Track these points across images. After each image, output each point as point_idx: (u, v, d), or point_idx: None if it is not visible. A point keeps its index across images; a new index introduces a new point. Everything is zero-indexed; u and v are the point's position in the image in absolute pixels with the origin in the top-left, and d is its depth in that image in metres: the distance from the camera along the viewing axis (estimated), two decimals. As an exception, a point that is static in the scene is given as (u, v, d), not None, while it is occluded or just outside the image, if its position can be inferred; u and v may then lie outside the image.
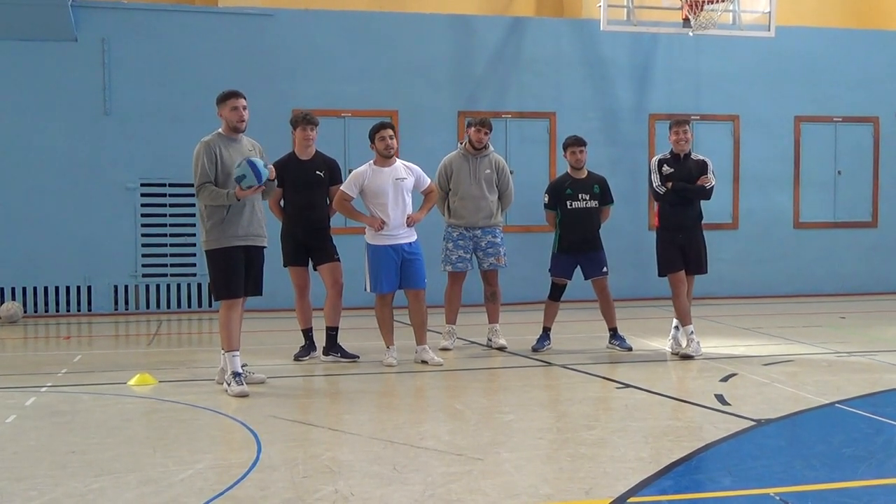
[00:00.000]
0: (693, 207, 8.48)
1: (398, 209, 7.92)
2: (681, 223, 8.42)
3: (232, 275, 6.94)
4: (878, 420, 6.09)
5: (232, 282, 6.94)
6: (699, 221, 8.55)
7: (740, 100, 13.44)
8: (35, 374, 7.85)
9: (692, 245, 8.44)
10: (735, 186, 13.49)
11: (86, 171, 11.76)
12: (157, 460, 5.08)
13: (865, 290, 13.78)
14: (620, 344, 8.73)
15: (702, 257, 8.50)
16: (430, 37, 12.67)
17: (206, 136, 7.20)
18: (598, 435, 5.66)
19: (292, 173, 8.17)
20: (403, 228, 7.95)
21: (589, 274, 8.80)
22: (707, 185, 8.38)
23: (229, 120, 7.11)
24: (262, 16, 12.31)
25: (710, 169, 8.44)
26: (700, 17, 11.97)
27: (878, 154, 13.94)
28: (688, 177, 8.37)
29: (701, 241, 8.52)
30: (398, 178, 7.93)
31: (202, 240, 7.10)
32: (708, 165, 8.46)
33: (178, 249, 12.04)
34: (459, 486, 4.60)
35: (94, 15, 11.75)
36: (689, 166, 8.42)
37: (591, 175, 8.84)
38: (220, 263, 6.95)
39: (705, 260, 8.54)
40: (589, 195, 8.73)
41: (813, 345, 9.05)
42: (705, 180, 8.36)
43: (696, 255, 8.46)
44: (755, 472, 4.87)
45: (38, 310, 11.68)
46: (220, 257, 6.94)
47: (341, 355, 8.21)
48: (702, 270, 8.55)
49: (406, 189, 7.98)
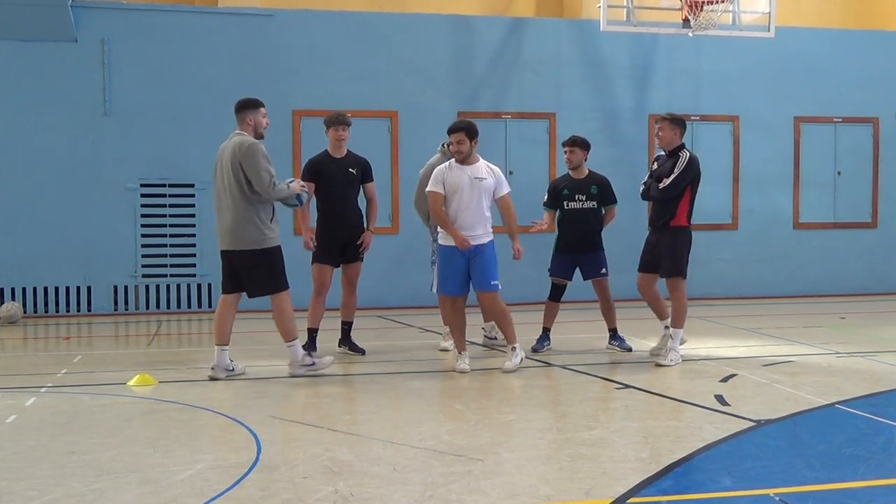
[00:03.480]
0: (656, 206, 8.23)
1: (470, 209, 7.67)
2: (649, 222, 8.34)
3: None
4: (878, 420, 6.09)
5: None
6: (660, 221, 8.15)
7: (740, 100, 13.45)
8: (35, 375, 7.85)
9: (657, 245, 8.19)
10: (735, 187, 13.49)
11: (86, 171, 11.76)
12: (157, 460, 5.08)
13: (865, 290, 13.78)
14: (620, 344, 8.72)
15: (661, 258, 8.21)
16: (430, 37, 12.67)
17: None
18: (599, 435, 5.66)
19: (326, 172, 8.29)
20: (475, 230, 7.69)
21: (587, 275, 8.79)
22: (660, 186, 8.02)
23: (259, 126, 7.46)
24: (262, 16, 12.31)
25: (677, 166, 7.99)
26: (700, 17, 11.97)
27: (877, 154, 13.95)
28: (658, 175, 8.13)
29: (663, 242, 8.14)
30: (476, 178, 7.70)
31: (254, 238, 7.25)
32: (677, 162, 8.04)
33: (178, 250, 12.03)
34: (459, 486, 4.60)
35: (94, 15, 11.75)
36: (667, 165, 8.12)
37: (592, 175, 8.81)
38: (281, 257, 7.42)
39: (669, 261, 8.12)
40: (586, 196, 8.69)
41: (813, 345, 9.05)
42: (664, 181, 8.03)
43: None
44: (755, 473, 4.87)
45: (37, 310, 11.68)
46: (280, 252, 7.41)
47: (350, 348, 8.48)
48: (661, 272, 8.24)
49: (485, 190, 7.70)
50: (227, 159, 7.27)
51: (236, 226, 7.23)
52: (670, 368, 7.86)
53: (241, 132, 7.36)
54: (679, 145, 8.15)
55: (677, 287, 8.11)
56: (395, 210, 12.42)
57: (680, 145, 8.16)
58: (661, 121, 8.26)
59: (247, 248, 7.25)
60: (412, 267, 12.36)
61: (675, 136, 8.15)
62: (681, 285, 8.13)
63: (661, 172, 8.14)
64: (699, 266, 13.33)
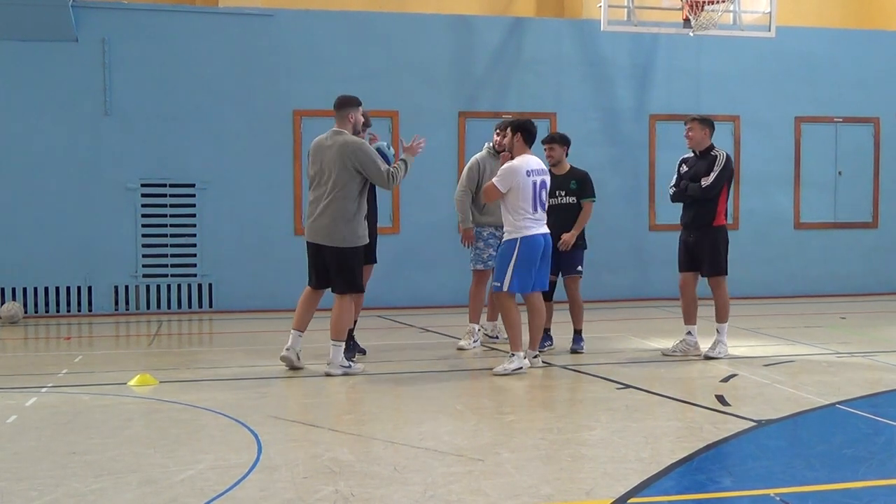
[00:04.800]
0: (693, 207, 8.35)
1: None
2: (684, 223, 8.42)
3: None
4: (879, 421, 6.10)
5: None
6: (701, 222, 8.31)
7: (741, 100, 13.44)
8: (36, 375, 7.85)
9: (698, 245, 8.33)
10: (735, 187, 13.47)
11: (86, 171, 11.76)
12: (158, 461, 5.08)
13: (866, 290, 13.78)
14: (576, 346, 8.68)
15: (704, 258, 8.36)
16: (430, 37, 12.67)
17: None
18: (599, 435, 5.66)
19: None
20: None
21: (564, 271, 8.71)
22: (703, 184, 8.20)
23: (357, 123, 7.73)
24: (262, 16, 12.31)
25: (716, 164, 8.21)
26: (700, 17, 11.96)
27: (878, 154, 13.94)
28: (693, 175, 8.29)
29: (705, 242, 8.30)
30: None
31: (342, 237, 7.46)
32: (715, 160, 8.23)
33: (179, 250, 12.03)
34: (460, 486, 4.61)
35: (95, 15, 11.75)
36: (700, 165, 8.28)
37: (572, 171, 8.79)
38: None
39: (713, 261, 8.32)
40: (566, 191, 8.69)
41: (813, 345, 9.05)
42: (705, 179, 8.22)
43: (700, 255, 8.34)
44: (756, 473, 4.87)
45: (38, 310, 11.68)
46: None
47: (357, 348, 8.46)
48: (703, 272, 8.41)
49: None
50: (332, 157, 7.45)
51: (334, 223, 7.44)
52: (670, 368, 7.88)
53: (340, 129, 7.58)
54: (710, 145, 8.34)
55: (720, 285, 8.38)
56: (396, 210, 12.41)
57: (711, 145, 8.35)
58: (690, 122, 8.42)
59: (344, 246, 7.46)
60: (412, 267, 12.39)
61: (706, 137, 8.35)
62: (723, 283, 8.38)
63: (696, 172, 8.26)
64: (700, 266, 13.36)
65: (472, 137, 12.29)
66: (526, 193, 7.62)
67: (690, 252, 8.39)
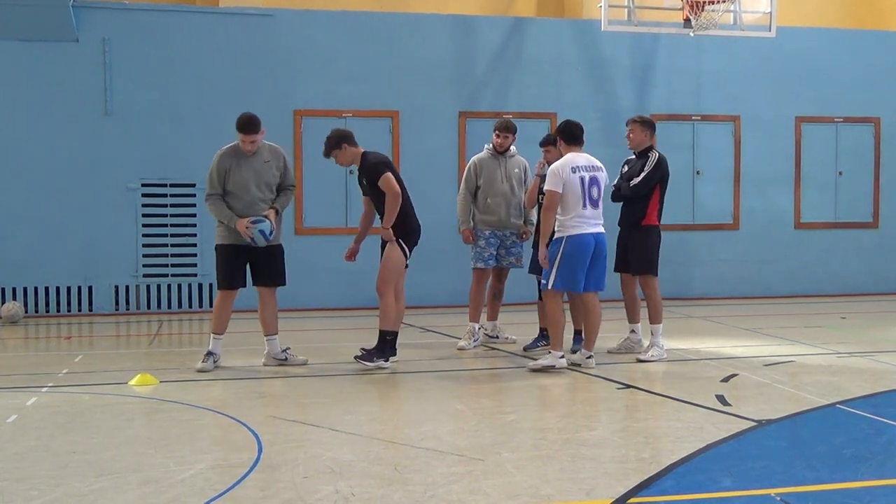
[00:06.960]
0: (626, 206, 8.40)
1: None
2: (619, 222, 8.48)
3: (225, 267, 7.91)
4: (879, 421, 6.10)
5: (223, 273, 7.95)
6: (632, 220, 8.34)
7: (741, 100, 13.44)
8: (36, 375, 7.85)
9: (628, 244, 8.38)
10: (736, 187, 13.49)
11: (86, 171, 11.76)
12: (158, 460, 5.08)
13: (866, 290, 13.77)
14: (535, 344, 8.67)
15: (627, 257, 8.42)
16: (431, 37, 12.67)
17: (223, 148, 7.74)
18: (600, 435, 5.66)
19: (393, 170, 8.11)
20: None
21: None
22: (630, 184, 8.26)
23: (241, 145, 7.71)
24: (262, 16, 12.31)
25: (647, 165, 8.24)
26: (701, 17, 11.97)
27: (878, 154, 13.94)
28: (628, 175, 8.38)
29: (634, 241, 8.33)
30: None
31: None
32: (646, 162, 8.27)
33: (179, 249, 12.03)
34: (460, 486, 4.60)
35: (95, 15, 11.75)
36: (636, 165, 8.38)
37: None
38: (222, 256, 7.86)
39: (640, 260, 8.33)
40: None
41: (813, 345, 9.05)
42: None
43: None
44: (756, 473, 4.86)
45: (38, 310, 11.68)
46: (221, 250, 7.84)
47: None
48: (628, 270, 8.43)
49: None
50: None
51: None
52: (671, 368, 7.86)
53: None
54: (649, 146, 8.41)
55: (649, 285, 8.35)
56: (396, 210, 12.40)
57: (650, 146, 8.41)
58: (631, 123, 8.53)
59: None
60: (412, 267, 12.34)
61: (645, 138, 8.44)
62: (653, 283, 8.37)
63: (631, 172, 8.37)
64: (700, 266, 13.37)
65: (473, 137, 12.30)
66: (573, 190, 7.63)
67: (625, 251, 8.42)
